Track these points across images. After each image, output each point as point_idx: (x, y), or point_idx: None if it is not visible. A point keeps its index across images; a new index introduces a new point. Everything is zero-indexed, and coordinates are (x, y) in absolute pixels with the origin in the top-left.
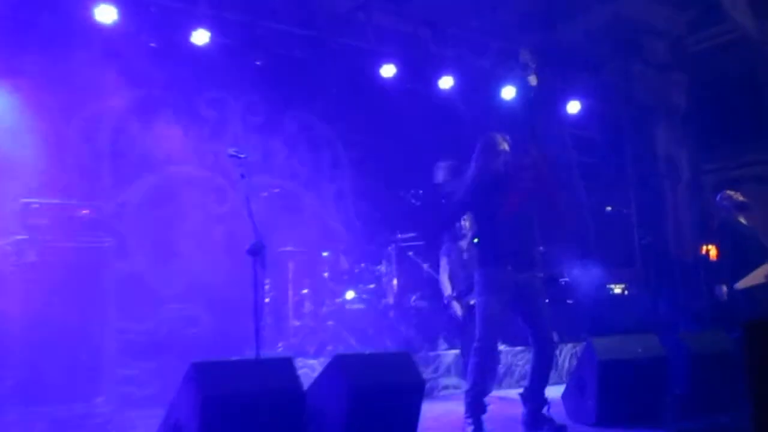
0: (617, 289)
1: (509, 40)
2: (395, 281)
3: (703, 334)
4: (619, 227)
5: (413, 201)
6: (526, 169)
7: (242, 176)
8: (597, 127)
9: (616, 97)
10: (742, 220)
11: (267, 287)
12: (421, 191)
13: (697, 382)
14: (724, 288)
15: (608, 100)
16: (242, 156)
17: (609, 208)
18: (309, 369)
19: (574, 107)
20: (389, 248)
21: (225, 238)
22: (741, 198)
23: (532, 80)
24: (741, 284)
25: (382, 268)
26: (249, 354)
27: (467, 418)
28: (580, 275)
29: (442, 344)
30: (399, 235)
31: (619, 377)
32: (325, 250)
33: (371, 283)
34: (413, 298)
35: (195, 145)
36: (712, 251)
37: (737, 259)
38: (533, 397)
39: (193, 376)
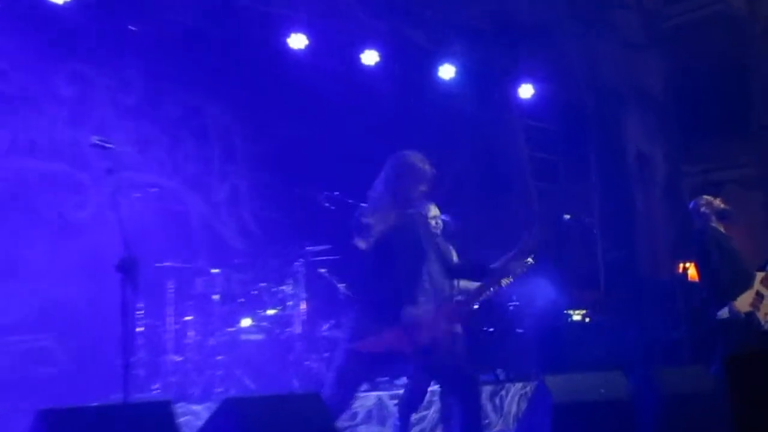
0: (577, 316)
1: (448, 9)
2: (303, 305)
3: (678, 371)
4: (580, 240)
5: (327, 205)
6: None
7: (109, 171)
8: (555, 117)
9: (578, 81)
10: (722, 230)
11: (140, 313)
12: (337, 193)
13: (671, 429)
14: (726, 312)
15: (569, 84)
16: (109, 146)
17: (567, 217)
18: (193, 416)
19: (526, 92)
20: (296, 264)
21: (85, 251)
22: (722, 205)
23: None
24: (722, 313)
25: (288, 289)
26: (115, 398)
27: None
28: (532, 299)
29: (362, 384)
30: (309, 248)
31: (578, 423)
32: (214, 267)
33: (273, 308)
34: (325, 326)
35: (49, 132)
36: (692, 270)
37: (717, 279)
38: None
39: (40, 428)
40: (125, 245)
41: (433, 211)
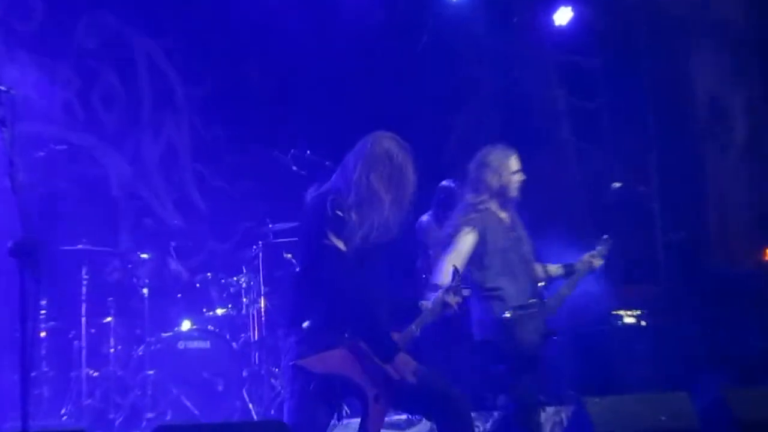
0: (628, 319)
1: None
2: (262, 303)
3: (758, 392)
4: (633, 216)
5: (295, 169)
6: None
7: (1, 123)
8: (599, 52)
9: (630, 5)
10: None
11: (43, 313)
12: (308, 152)
13: None
14: None
15: (618, 9)
16: (2, 89)
17: (616, 185)
18: None
19: (563, 17)
20: (254, 248)
21: None
22: None
23: None
24: None
25: (242, 280)
26: (11, 426)
27: None
28: (568, 297)
29: (343, 408)
30: (271, 226)
31: None
32: (143, 250)
33: (222, 307)
34: None
35: None
36: None
37: None
38: None
39: None
40: (22, 222)
41: None
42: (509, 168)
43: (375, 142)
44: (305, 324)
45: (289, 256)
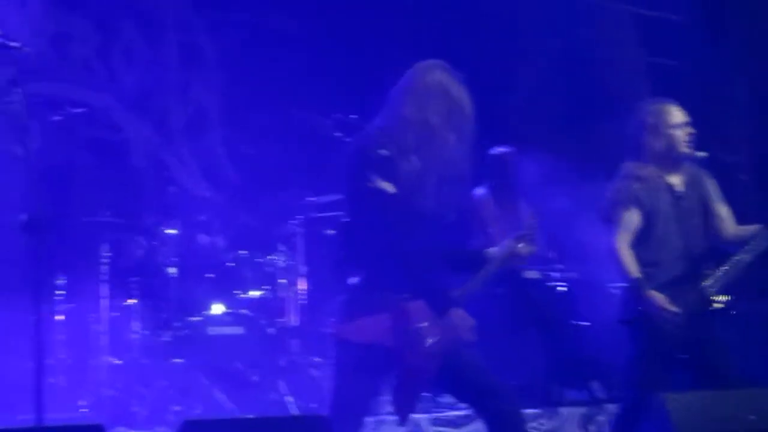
0: (716, 305)
1: None
2: (302, 284)
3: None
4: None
5: (338, 135)
6: None
7: (13, 83)
8: (684, 7)
9: None
10: None
11: (60, 294)
12: (354, 117)
13: None
14: None
15: None
16: (14, 45)
17: (701, 155)
18: None
19: None
20: (292, 223)
21: None
22: None
23: None
24: None
25: (279, 260)
26: (23, 419)
27: None
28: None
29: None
30: (310, 199)
31: None
32: (169, 225)
33: (257, 288)
34: None
35: None
36: None
37: None
38: None
39: None
40: (33, 194)
41: None
42: (670, 122)
43: (425, 73)
44: (352, 281)
45: (332, 232)
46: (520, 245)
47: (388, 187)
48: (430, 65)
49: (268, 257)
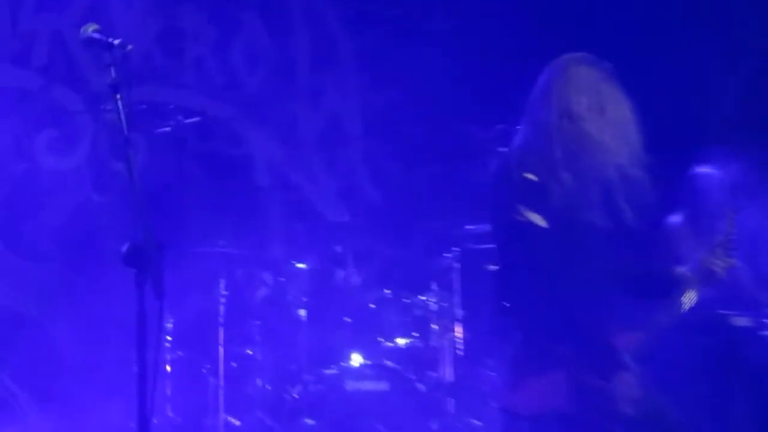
0: None
1: None
2: (458, 330)
3: None
4: None
5: (500, 150)
6: None
7: (113, 88)
8: None
9: None
10: None
11: (168, 339)
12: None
13: None
14: None
15: None
16: (114, 43)
17: None
18: None
19: None
20: (446, 256)
21: (65, 230)
22: None
23: None
24: None
25: (431, 301)
26: None
27: None
28: None
29: None
30: (469, 227)
31: None
32: (299, 259)
33: (405, 335)
34: None
35: None
36: None
37: None
38: None
39: None
40: (140, 219)
41: None
42: None
43: (567, 68)
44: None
45: (495, 268)
46: (716, 258)
47: (538, 220)
48: (571, 59)
49: (418, 298)
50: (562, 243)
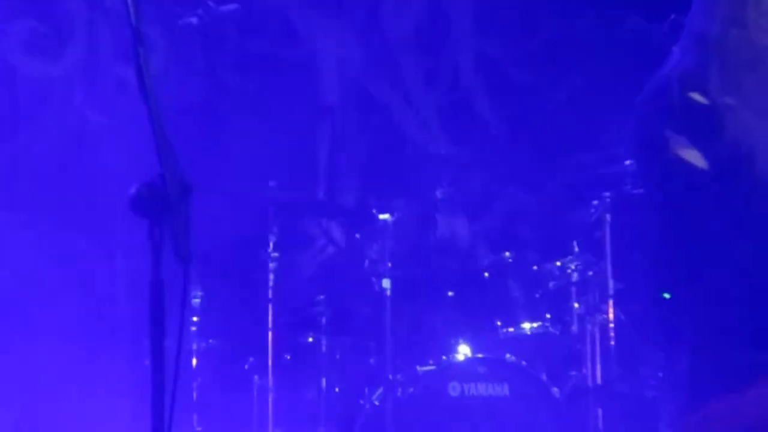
0: None
1: None
2: (610, 311)
3: None
4: None
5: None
6: None
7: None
8: None
9: None
10: None
11: (195, 321)
12: None
13: None
14: None
15: None
16: None
17: None
18: None
19: None
20: (595, 204)
21: (50, 163)
22: None
23: None
24: None
25: (571, 267)
26: None
27: None
28: None
29: None
30: (627, 162)
31: None
32: (382, 208)
33: (533, 318)
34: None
35: None
36: None
37: None
38: None
39: None
40: (157, 148)
41: None
42: None
43: None
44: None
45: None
46: None
47: (698, 160)
48: None
49: (553, 264)
50: (729, 194)
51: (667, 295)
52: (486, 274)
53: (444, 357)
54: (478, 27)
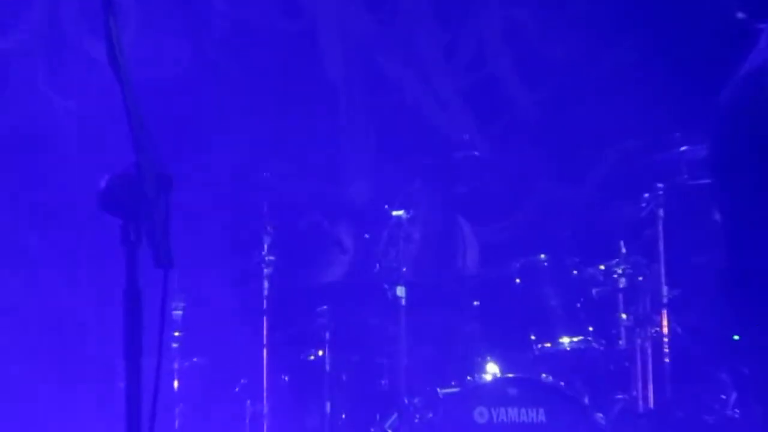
0: None
1: None
2: (665, 322)
3: None
4: None
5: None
6: None
7: None
8: None
9: None
10: None
11: (176, 336)
12: None
13: None
14: None
15: None
16: None
17: None
18: None
19: None
20: (646, 197)
21: (8, 152)
22: None
23: None
24: None
25: (618, 272)
26: None
27: None
28: None
29: None
30: (684, 149)
31: None
32: (396, 204)
33: (574, 332)
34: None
35: None
36: None
37: None
38: None
39: None
40: (132, 134)
41: None
42: None
43: None
44: None
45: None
46: None
47: None
48: None
49: (597, 268)
50: None
51: (736, 337)
52: (517, 281)
53: (469, 377)
54: None
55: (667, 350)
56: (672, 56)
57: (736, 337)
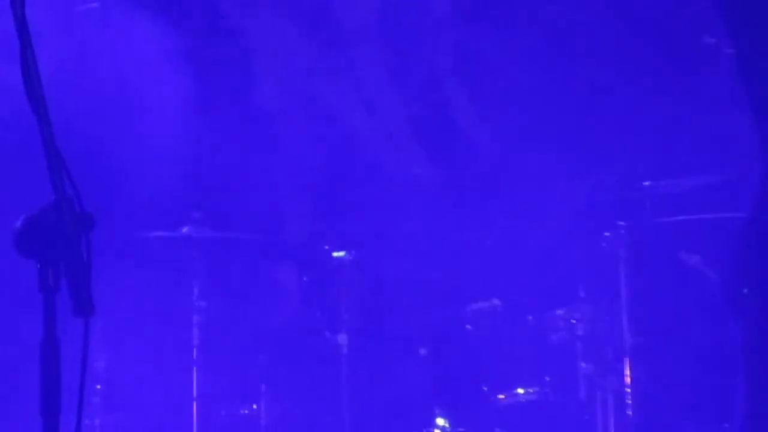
0: None
1: None
2: (626, 371)
3: None
4: None
5: None
6: None
7: None
8: None
9: None
10: None
11: (98, 389)
12: None
13: None
14: None
15: None
16: None
17: None
18: None
19: None
20: (607, 235)
21: None
22: None
23: None
24: None
25: (575, 318)
26: None
27: None
28: None
29: None
30: (647, 183)
31: None
32: (336, 245)
33: (528, 383)
34: None
35: None
36: None
37: None
38: None
39: None
40: (49, 165)
41: None
42: None
43: None
44: None
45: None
46: None
47: None
48: None
49: (555, 312)
50: None
51: None
52: (468, 327)
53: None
54: (458, 11)
55: (629, 402)
56: (636, 85)
57: None
